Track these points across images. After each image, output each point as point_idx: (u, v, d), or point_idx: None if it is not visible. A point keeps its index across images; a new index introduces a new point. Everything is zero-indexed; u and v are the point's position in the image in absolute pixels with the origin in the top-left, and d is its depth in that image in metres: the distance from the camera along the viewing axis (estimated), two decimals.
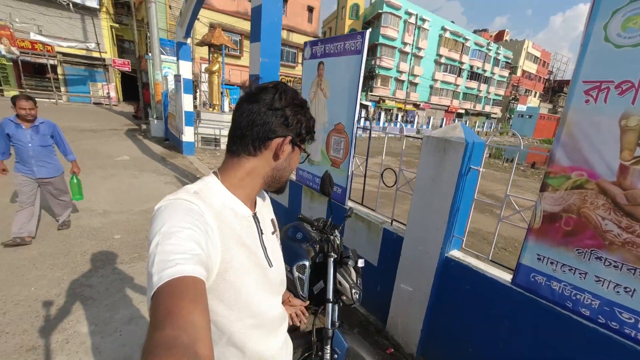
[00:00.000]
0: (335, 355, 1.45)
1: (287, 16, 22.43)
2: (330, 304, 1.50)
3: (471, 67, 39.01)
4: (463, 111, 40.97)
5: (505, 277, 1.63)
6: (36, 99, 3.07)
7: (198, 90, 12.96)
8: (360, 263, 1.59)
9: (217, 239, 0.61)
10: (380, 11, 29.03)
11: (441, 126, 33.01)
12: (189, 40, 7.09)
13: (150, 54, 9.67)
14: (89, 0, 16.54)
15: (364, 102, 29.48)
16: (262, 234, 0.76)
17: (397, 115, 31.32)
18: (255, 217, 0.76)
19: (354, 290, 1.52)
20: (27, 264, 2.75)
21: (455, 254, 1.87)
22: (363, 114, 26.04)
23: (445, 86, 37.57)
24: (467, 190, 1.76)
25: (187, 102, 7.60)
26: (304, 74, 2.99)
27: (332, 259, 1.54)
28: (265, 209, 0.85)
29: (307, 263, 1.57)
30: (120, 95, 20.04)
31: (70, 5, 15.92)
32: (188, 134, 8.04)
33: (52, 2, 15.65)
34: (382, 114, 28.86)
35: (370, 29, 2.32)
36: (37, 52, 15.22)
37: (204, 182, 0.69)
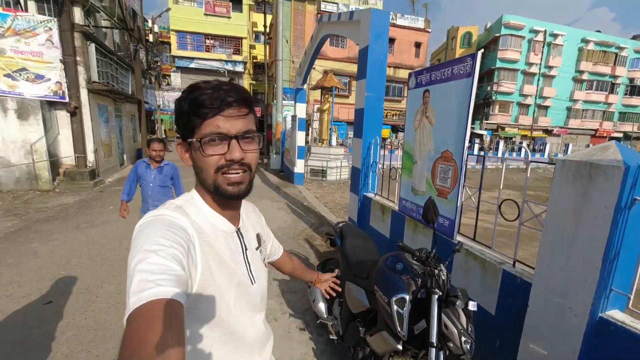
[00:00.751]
0: None
1: (394, 54, 23.20)
2: (433, 350, 1.33)
3: (631, 80, 30.50)
4: (620, 134, 31.76)
5: None
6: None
7: (310, 128, 14.55)
8: (472, 306, 1.37)
9: (199, 255, 0.60)
10: (497, 35, 26.67)
11: None
12: (305, 86, 8.18)
13: (275, 101, 11.60)
14: (238, 67, 21.64)
15: (478, 131, 26.62)
16: (246, 249, 0.75)
17: (520, 143, 26.81)
18: (238, 232, 0.74)
19: (463, 338, 1.31)
20: None
21: (616, 315, 1.39)
22: (476, 143, 23.44)
23: (590, 106, 30.37)
24: (631, 229, 1.33)
25: (300, 138, 8.62)
26: (408, 104, 2.99)
27: (436, 297, 1.39)
28: (251, 223, 0.83)
29: (407, 297, 1.47)
30: None
31: (226, 72, 21.23)
32: (299, 166, 8.99)
33: (215, 72, 21.37)
34: (501, 142, 25.29)
35: (480, 51, 2.18)
36: None
37: (188, 197, 0.69)
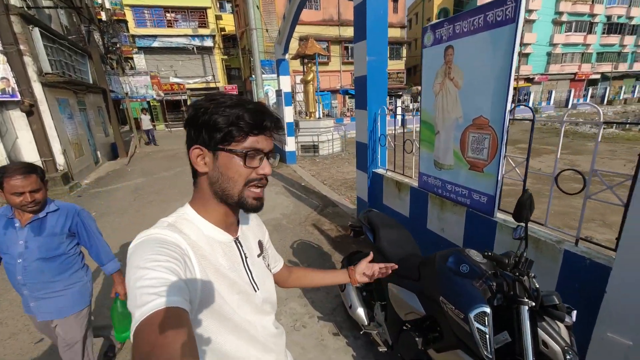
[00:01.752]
0: None
1: None
2: None
3: (608, 17, 30.29)
4: (598, 76, 32.09)
5: None
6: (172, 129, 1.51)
7: (293, 101, 13.79)
8: (574, 316, 1.11)
9: (196, 267, 0.62)
10: None
11: (568, 99, 26.85)
12: (287, 56, 7.48)
13: (253, 76, 10.75)
14: (206, 42, 19.92)
15: None
16: (246, 258, 0.76)
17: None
18: (237, 241, 0.75)
19: (568, 357, 1.06)
20: None
21: None
22: None
23: (569, 49, 30.26)
24: None
25: (288, 114, 8.06)
26: (424, 64, 2.58)
27: (526, 308, 1.12)
28: (251, 231, 0.84)
29: (487, 310, 1.19)
30: None
31: (194, 49, 19.50)
32: (290, 144, 8.51)
33: (182, 50, 19.56)
34: None
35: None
36: (175, 91, 19.17)
37: (179, 214, 0.70)
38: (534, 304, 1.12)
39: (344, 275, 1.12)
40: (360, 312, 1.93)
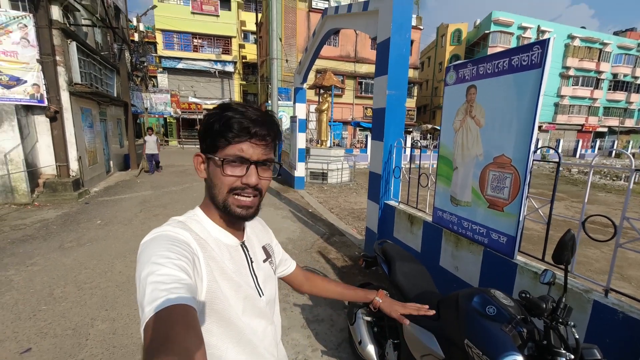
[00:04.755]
0: None
1: None
2: None
3: (614, 75, 31.35)
4: (605, 129, 32.57)
5: None
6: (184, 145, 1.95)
7: (306, 129, 14.13)
8: None
9: (203, 268, 0.62)
10: (487, 31, 26.85)
11: (576, 149, 27.05)
12: (304, 85, 7.78)
13: (269, 101, 11.15)
14: (228, 67, 20.99)
15: None
16: (251, 262, 0.76)
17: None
18: (243, 245, 0.76)
19: None
20: None
21: None
22: None
23: (576, 102, 31.03)
24: None
25: (300, 140, 8.20)
26: (446, 102, 2.64)
27: None
28: (256, 236, 0.84)
29: (520, 359, 1.09)
30: None
31: (216, 73, 20.51)
32: (300, 170, 8.57)
33: (204, 72, 20.56)
34: None
35: (553, 36, 1.83)
36: (192, 110, 19.92)
37: (191, 214, 0.72)
38: (572, 356, 1.03)
39: (364, 295, 1.14)
40: (371, 349, 1.80)
